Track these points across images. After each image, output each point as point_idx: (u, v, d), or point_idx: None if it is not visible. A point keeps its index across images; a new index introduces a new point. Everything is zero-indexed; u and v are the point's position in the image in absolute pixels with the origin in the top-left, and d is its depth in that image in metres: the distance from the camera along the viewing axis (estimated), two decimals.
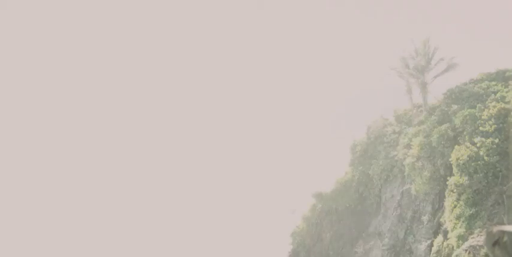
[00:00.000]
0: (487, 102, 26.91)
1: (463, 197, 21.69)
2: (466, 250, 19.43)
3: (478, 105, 26.65)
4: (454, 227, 21.49)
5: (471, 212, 20.94)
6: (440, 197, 25.02)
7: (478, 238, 19.40)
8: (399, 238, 28.76)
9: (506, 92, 28.20)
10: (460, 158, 22.46)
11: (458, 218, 21.45)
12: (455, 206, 21.98)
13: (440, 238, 23.16)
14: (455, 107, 29.13)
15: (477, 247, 18.94)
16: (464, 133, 25.25)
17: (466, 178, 21.95)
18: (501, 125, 23.52)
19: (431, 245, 24.12)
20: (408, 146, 30.08)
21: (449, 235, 21.78)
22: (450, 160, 23.58)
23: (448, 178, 23.37)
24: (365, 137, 37.71)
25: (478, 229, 19.96)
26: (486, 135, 23.20)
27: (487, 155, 21.85)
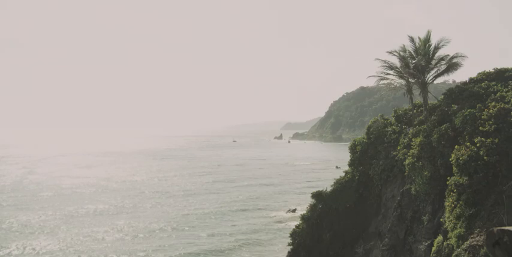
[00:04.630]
0: (487, 102, 26.92)
1: (463, 197, 21.68)
2: (466, 250, 19.43)
3: (478, 105, 26.65)
4: (454, 227, 21.49)
5: (471, 212, 20.94)
6: (440, 197, 25.01)
7: (478, 238, 19.40)
8: (399, 238, 28.74)
9: (506, 92, 28.21)
10: (460, 158, 22.45)
11: (458, 218, 21.45)
12: (455, 206, 21.97)
13: (440, 238, 23.16)
14: (455, 107, 29.14)
15: (477, 247, 18.94)
16: (464, 133, 25.25)
17: (466, 178, 21.95)
18: (501, 125, 23.52)
19: (432, 245, 24.11)
20: (408, 146, 30.07)
21: (449, 235, 21.78)
22: (450, 159, 23.57)
23: (448, 178, 23.36)
24: (365, 137, 37.72)
25: (478, 229, 19.96)
26: (486, 135, 23.20)
27: (487, 155, 21.83)
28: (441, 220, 24.02)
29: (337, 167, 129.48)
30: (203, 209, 73.58)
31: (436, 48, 32.73)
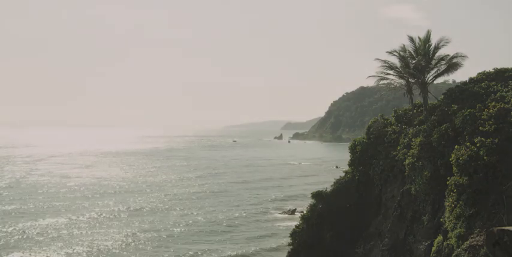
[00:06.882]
0: (487, 102, 26.93)
1: (463, 197, 21.68)
2: (466, 250, 19.44)
3: (478, 105, 26.66)
4: (454, 227, 21.49)
5: (471, 212, 20.94)
6: (440, 197, 25.00)
7: (478, 238, 19.40)
8: (399, 238, 28.74)
9: (506, 92, 28.25)
10: (460, 158, 22.45)
11: (458, 218, 21.45)
12: (455, 206, 21.97)
13: (440, 238, 23.16)
14: (455, 107, 29.15)
15: (477, 247, 18.94)
16: (464, 133, 25.25)
17: (466, 178, 21.95)
18: (501, 125, 23.53)
19: (432, 245, 24.11)
20: (408, 146, 30.07)
21: (449, 235, 21.78)
22: (450, 159, 23.58)
23: (448, 178, 23.36)
24: (365, 137, 37.72)
25: (478, 229, 19.96)
26: (486, 135, 23.20)
27: (487, 155, 21.83)
28: (441, 220, 24.02)
29: (337, 167, 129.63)
30: (207, 212, 73.54)
31: (436, 48, 32.71)
